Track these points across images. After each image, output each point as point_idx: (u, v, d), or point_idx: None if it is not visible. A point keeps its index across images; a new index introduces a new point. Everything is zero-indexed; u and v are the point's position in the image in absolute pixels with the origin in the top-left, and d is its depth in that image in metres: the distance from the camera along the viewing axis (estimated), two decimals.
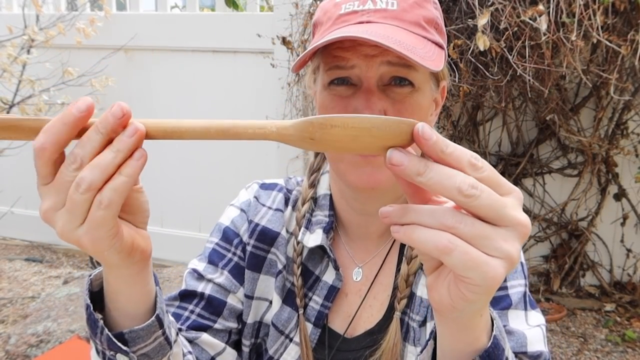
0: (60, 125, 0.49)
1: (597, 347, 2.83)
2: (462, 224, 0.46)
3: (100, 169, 0.48)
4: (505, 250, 0.46)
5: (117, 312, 0.65)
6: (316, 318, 0.91)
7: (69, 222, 0.51)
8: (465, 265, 0.46)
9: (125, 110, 0.50)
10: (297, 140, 0.51)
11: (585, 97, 3.04)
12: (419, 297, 0.87)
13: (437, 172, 0.46)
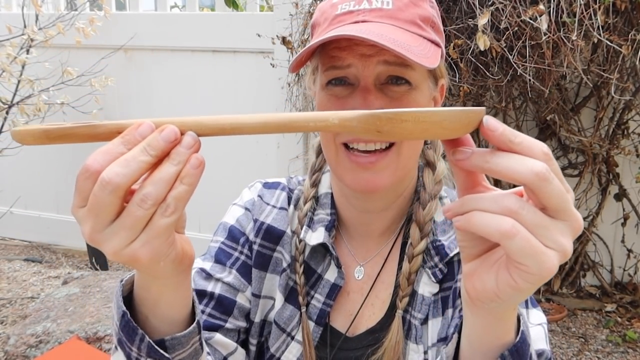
0: (122, 149, 0.49)
1: (598, 348, 2.83)
2: (525, 211, 0.47)
3: (163, 183, 0.49)
4: (561, 243, 0.47)
5: (156, 319, 0.64)
6: (318, 316, 0.91)
7: (125, 239, 0.50)
8: (524, 252, 0.46)
9: (178, 136, 0.50)
10: (360, 132, 0.51)
11: (585, 97, 3.04)
12: (420, 295, 0.87)
13: (507, 156, 0.47)
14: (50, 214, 4.35)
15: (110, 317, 2.35)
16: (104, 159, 0.49)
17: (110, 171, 0.48)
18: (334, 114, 0.51)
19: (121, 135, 0.50)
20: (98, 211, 0.49)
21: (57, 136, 0.50)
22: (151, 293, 0.62)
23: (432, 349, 0.86)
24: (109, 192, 0.48)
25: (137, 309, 0.64)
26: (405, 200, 0.93)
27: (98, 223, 0.50)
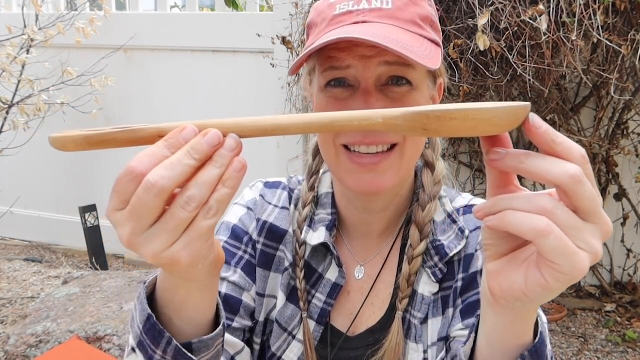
0: (166, 152, 0.49)
1: (598, 348, 2.83)
2: (559, 211, 0.47)
3: (208, 186, 0.49)
4: (593, 245, 0.48)
5: (181, 321, 0.64)
6: (319, 315, 0.91)
7: (166, 241, 0.50)
8: (557, 251, 0.47)
9: (221, 140, 0.50)
10: (406, 130, 0.51)
11: (585, 97, 3.04)
12: (420, 295, 0.87)
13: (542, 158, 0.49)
14: (50, 214, 4.35)
15: (110, 317, 2.35)
16: (149, 162, 0.48)
17: (156, 174, 0.48)
18: (377, 113, 0.51)
19: (165, 139, 0.50)
20: (140, 214, 0.49)
21: (98, 142, 0.50)
22: (179, 295, 0.61)
23: (432, 348, 0.86)
24: (154, 194, 0.48)
25: (160, 311, 0.64)
26: (403, 200, 0.93)
27: (139, 226, 0.49)
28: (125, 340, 2.24)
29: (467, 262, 0.87)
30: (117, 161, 4.04)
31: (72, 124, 3.98)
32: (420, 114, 0.49)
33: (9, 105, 3.80)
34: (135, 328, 0.64)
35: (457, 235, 0.88)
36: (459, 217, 0.90)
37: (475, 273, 0.85)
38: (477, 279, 0.85)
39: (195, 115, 3.74)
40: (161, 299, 0.63)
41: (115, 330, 2.27)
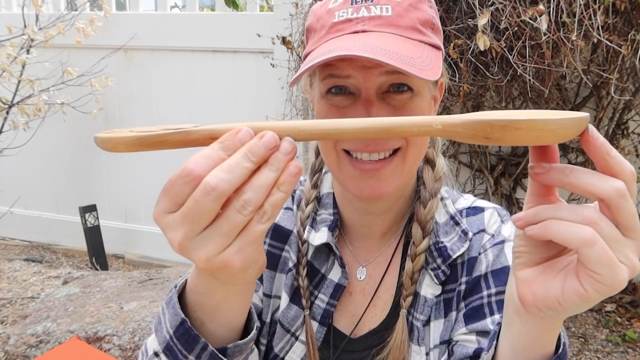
0: (222, 154, 0.49)
1: (598, 348, 2.83)
2: (604, 223, 0.48)
3: (263, 189, 0.48)
4: (632, 259, 0.49)
5: (215, 324, 0.63)
6: (322, 316, 0.91)
7: (219, 245, 0.49)
8: (601, 261, 0.48)
9: (278, 142, 0.49)
10: (466, 137, 0.50)
11: (585, 97, 3.04)
12: (422, 297, 0.87)
13: (586, 171, 0.50)
14: (50, 214, 4.35)
15: (110, 317, 2.35)
16: (205, 164, 0.48)
17: (216, 177, 0.47)
18: (437, 119, 0.50)
19: (220, 141, 0.49)
20: (195, 217, 0.48)
21: (150, 143, 0.50)
22: (215, 298, 0.60)
23: (434, 350, 0.86)
24: (213, 198, 0.47)
25: (191, 315, 0.63)
26: (406, 200, 0.93)
27: (192, 230, 0.48)
28: (125, 340, 2.24)
29: (470, 265, 0.86)
30: (116, 161, 4.04)
31: (72, 124, 3.99)
32: (484, 123, 0.49)
33: (9, 105, 3.80)
34: (164, 333, 0.63)
35: (460, 237, 0.88)
36: (461, 219, 0.90)
37: (479, 277, 0.85)
38: (481, 283, 0.84)
39: (195, 115, 3.74)
40: (194, 302, 0.62)
41: (115, 330, 2.27)
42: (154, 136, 0.49)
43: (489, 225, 0.89)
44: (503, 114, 0.50)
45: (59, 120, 3.91)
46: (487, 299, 0.83)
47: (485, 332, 0.80)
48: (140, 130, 0.50)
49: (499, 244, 0.86)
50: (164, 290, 2.66)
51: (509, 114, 0.50)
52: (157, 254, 4.02)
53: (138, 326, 2.29)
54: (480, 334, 0.80)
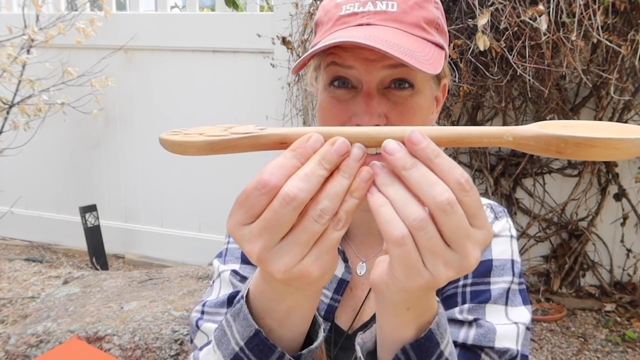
0: (296, 163, 0.49)
1: (597, 347, 2.83)
2: (423, 232, 0.48)
3: (338, 197, 0.49)
4: (439, 272, 0.49)
5: (284, 329, 0.62)
6: (326, 312, 0.91)
7: (297, 255, 0.49)
8: (401, 262, 0.49)
9: (349, 148, 0.49)
10: (536, 150, 0.50)
11: (585, 97, 3.04)
12: None
13: (422, 174, 0.48)
14: (50, 213, 4.35)
15: (110, 317, 2.36)
16: (281, 174, 0.48)
17: (294, 187, 0.47)
18: (508, 131, 0.50)
19: (292, 148, 0.49)
20: (275, 228, 0.48)
21: (221, 147, 0.50)
22: (285, 304, 0.60)
23: None
24: (293, 208, 0.47)
25: (258, 323, 0.61)
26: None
27: (271, 241, 0.49)
28: (125, 340, 2.24)
29: None
30: (117, 161, 4.04)
31: (73, 124, 3.99)
32: (558, 139, 0.48)
33: (10, 105, 3.80)
34: (231, 345, 0.62)
35: None
36: None
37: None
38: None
39: (195, 115, 3.74)
40: (261, 309, 0.62)
41: (115, 330, 2.28)
42: (225, 141, 0.50)
43: None
44: (574, 128, 0.49)
45: (59, 120, 3.91)
46: (461, 289, 0.84)
47: (452, 320, 0.81)
48: (204, 132, 0.50)
49: None
50: (164, 290, 2.67)
51: (580, 128, 0.49)
52: (157, 254, 4.02)
53: (138, 326, 2.30)
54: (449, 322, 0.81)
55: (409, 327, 0.60)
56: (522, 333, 0.81)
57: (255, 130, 0.51)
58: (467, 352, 0.78)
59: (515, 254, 0.87)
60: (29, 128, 3.82)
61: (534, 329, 3.00)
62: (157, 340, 2.25)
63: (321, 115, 0.85)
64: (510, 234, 0.89)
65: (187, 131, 0.52)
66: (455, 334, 0.79)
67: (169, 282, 2.80)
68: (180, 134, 0.51)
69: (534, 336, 2.93)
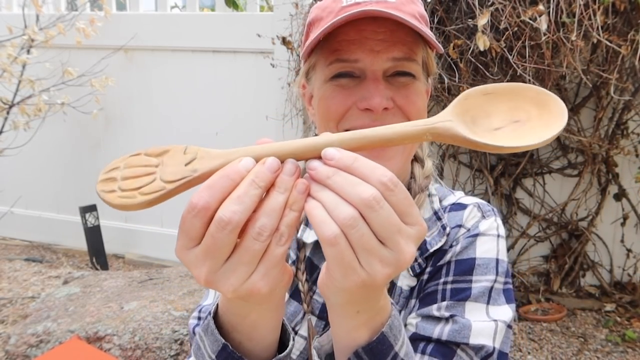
0: (228, 181, 0.49)
1: (597, 347, 2.83)
2: (354, 230, 0.48)
3: (276, 213, 0.49)
4: (374, 270, 0.50)
5: (252, 343, 0.63)
6: (320, 310, 0.92)
7: (243, 275, 0.50)
8: (336, 262, 0.50)
9: (279, 164, 0.50)
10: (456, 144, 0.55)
11: (585, 97, 3.04)
12: (399, 288, 0.88)
13: (344, 178, 0.49)
14: (50, 213, 4.35)
15: (110, 317, 2.36)
16: (209, 195, 0.49)
17: (228, 210, 0.48)
18: (428, 130, 0.53)
19: (222, 171, 0.50)
20: (215, 252, 0.49)
21: (161, 201, 0.52)
22: (250, 319, 0.61)
23: None
24: (229, 231, 0.48)
25: (227, 337, 0.63)
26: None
27: (215, 264, 0.50)
28: (125, 340, 2.24)
29: (439, 257, 0.87)
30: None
31: (73, 124, 3.99)
32: (470, 142, 0.53)
33: (10, 105, 3.80)
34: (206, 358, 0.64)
35: (439, 232, 0.89)
36: (444, 215, 0.91)
37: (442, 266, 0.86)
38: (442, 270, 0.86)
39: (195, 116, 3.74)
40: (229, 324, 0.63)
41: (115, 330, 2.28)
42: (163, 195, 0.51)
43: (467, 220, 0.90)
44: (494, 96, 0.55)
45: (60, 120, 3.91)
46: (442, 286, 0.84)
47: (429, 316, 0.81)
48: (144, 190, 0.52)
49: (471, 237, 0.87)
50: (164, 290, 2.67)
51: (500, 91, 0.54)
52: (157, 254, 4.02)
53: (138, 326, 2.30)
54: (425, 318, 0.82)
55: (361, 330, 0.60)
56: (500, 330, 0.80)
57: (188, 173, 0.52)
58: (441, 348, 0.78)
59: (501, 254, 0.87)
60: (29, 128, 3.82)
61: (534, 329, 3.00)
62: (157, 340, 2.25)
63: (324, 104, 0.85)
64: (497, 233, 0.89)
65: (124, 184, 0.53)
66: (430, 330, 0.80)
67: (169, 282, 2.80)
68: (118, 191, 0.52)
69: (534, 336, 2.93)
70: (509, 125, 0.55)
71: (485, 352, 0.78)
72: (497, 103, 0.55)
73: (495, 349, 0.79)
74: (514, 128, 0.55)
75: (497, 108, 0.55)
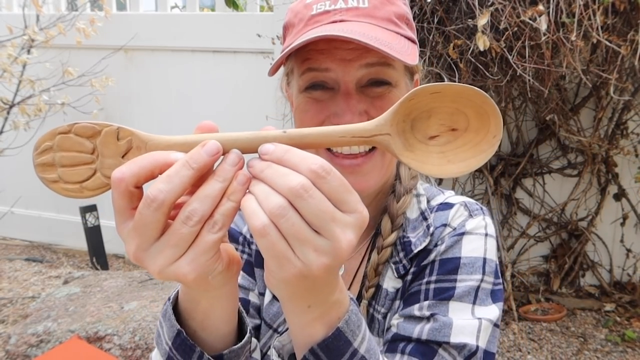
0: (149, 163, 0.50)
1: (597, 347, 2.83)
2: (284, 219, 0.48)
3: (210, 200, 0.49)
4: (310, 260, 0.49)
5: (206, 332, 0.63)
6: None
7: (170, 257, 0.50)
8: (268, 253, 0.49)
9: (220, 150, 0.50)
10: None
11: (585, 97, 3.04)
12: (385, 290, 0.87)
13: (274, 170, 0.49)
14: (51, 213, 4.35)
15: (110, 317, 2.36)
16: (130, 172, 0.50)
17: (154, 188, 0.48)
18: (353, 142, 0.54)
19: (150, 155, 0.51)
20: (143, 229, 0.49)
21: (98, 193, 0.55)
22: (201, 306, 0.61)
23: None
24: (154, 209, 0.48)
25: (185, 324, 0.63)
26: (384, 196, 0.93)
27: (144, 241, 0.50)
28: (125, 340, 2.24)
29: (423, 257, 0.86)
30: None
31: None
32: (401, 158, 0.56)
33: (10, 105, 3.80)
34: (164, 345, 0.64)
35: (424, 232, 0.87)
36: (430, 215, 0.89)
37: (425, 265, 0.84)
38: (426, 270, 0.84)
39: (194, 116, 3.74)
40: (184, 311, 0.63)
41: (115, 329, 2.28)
42: (106, 190, 0.54)
43: (453, 219, 0.88)
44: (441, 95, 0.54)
45: (60, 120, 3.91)
46: (425, 286, 0.82)
47: (410, 316, 0.80)
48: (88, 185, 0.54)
49: (457, 236, 0.85)
50: (164, 290, 2.67)
51: (447, 92, 0.54)
52: None
53: (138, 326, 2.30)
54: (407, 318, 0.80)
55: (316, 325, 0.59)
56: (485, 329, 0.78)
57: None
58: (421, 347, 0.76)
59: (489, 253, 0.84)
60: (29, 128, 3.82)
61: (533, 328, 3.00)
62: None
63: (299, 117, 0.84)
64: (485, 232, 0.86)
65: (64, 174, 0.54)
66: (410, 330, 0.78)
67: (169, 282, 2.80)
68: (61, 182, 0.53)
69: (534, 336, 2.93)
70: (444, 134, 0.55)
71: (468, 350, 0.76)
72: (442, 102, 0.54)
73: (480, 348, 0.77)
74: (447, 140, 0.55)
75: (440, 108, 0.55)
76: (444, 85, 0.53)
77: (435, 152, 0.55)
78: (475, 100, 0.53)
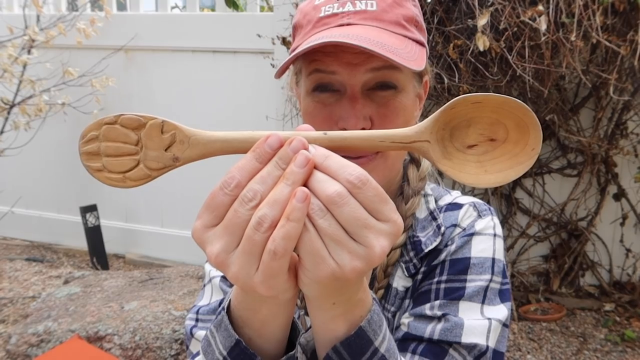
0: (256, 164, 0.51)
1: (597, 347, 2.84)
2: (322, 220, 0.50)
3: (279, 205, 0.49)
4: (344, 262, 0.50)
5: (262, 339, 0.63)
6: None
7: (246, 266, 0.50)
8: (305, 249, 0.50)
9: (305, 145, 0.52)
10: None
11: (584, 97, 3.05)
12: (394, 289, 0.88)
13: (313, 176, 0.50)
14: (51, 213, 4.36)
15: (110, 317, 2.36)
16: (241, 176, 0.51)
17: (251, 189, 0.50)
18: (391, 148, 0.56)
19: (252, 150, 0.52)
20: (234, 228, 0.50)
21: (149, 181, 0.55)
22: (261, 314, 0.61)
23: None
24: (250, 208, 0.50)
25: (239, 332, 0.63)
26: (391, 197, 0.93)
27: (231, 242, 0.51)
28: (125, 340, 2.25)
29: (433, 257, 0.86)
30: None
31: (73, 124, 3.99)
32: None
33: (10, 105, 3.81)
34: (217, 355, 0.64)
35: (434, 232, 0.87)
36: (439, 215, 0.90)
37: (436, 265, 0.85)
38: (437, 269, 0.85)
39: (195, 116, 3.75)
40: (240, 319, 0.63)
41: (115, 329, 2.28)
42: (149, 181, 0.55)
43: (463, 219, 0.88)
44: (482, 104, 0.54)
45: (60, 120, 3.92)
46: (435, 285, 0.83)
47: (421, 316, 0.81)
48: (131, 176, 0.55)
49: (467, 236, 0.86)
50: (164, 290, 2.67)
51: (489, 102, 0.54)
52: (157, 254, 4.03)
53: (139, 326, 2.30)
54: (418, 318, 0.81)
55: (339, 322, 0.60)
56: (494, 329, 0.79)
57: (170, 162, 0.55)
58: (433, 347, 0.77)
59: (497, 253, 0.86)
60: (29, 128, 3.82)
61: (533, 328, 3.00)
62: (157, 340, 2.26)
63: (307, 120, 0.85)
64: (493, 233, 0.87)
65: (109, 163, 0.55)
66: (422, 329, 0.79)
67: (169, 282, 2.81)
68: (105, 171, 0.55)
69: (534, 336, 2.93)
70: (483, 143, 0.55)
71: (478, 350, 0.77)
72: (483, 112, 0.55)
73: (489, 348, 0.78)
74: (485, 150, 0.55)
75: (480, 117, 0.55)
76: (486, 96, 0.54)
77: (473, 162, 0.56)
78: (516, 112, 0.54)
